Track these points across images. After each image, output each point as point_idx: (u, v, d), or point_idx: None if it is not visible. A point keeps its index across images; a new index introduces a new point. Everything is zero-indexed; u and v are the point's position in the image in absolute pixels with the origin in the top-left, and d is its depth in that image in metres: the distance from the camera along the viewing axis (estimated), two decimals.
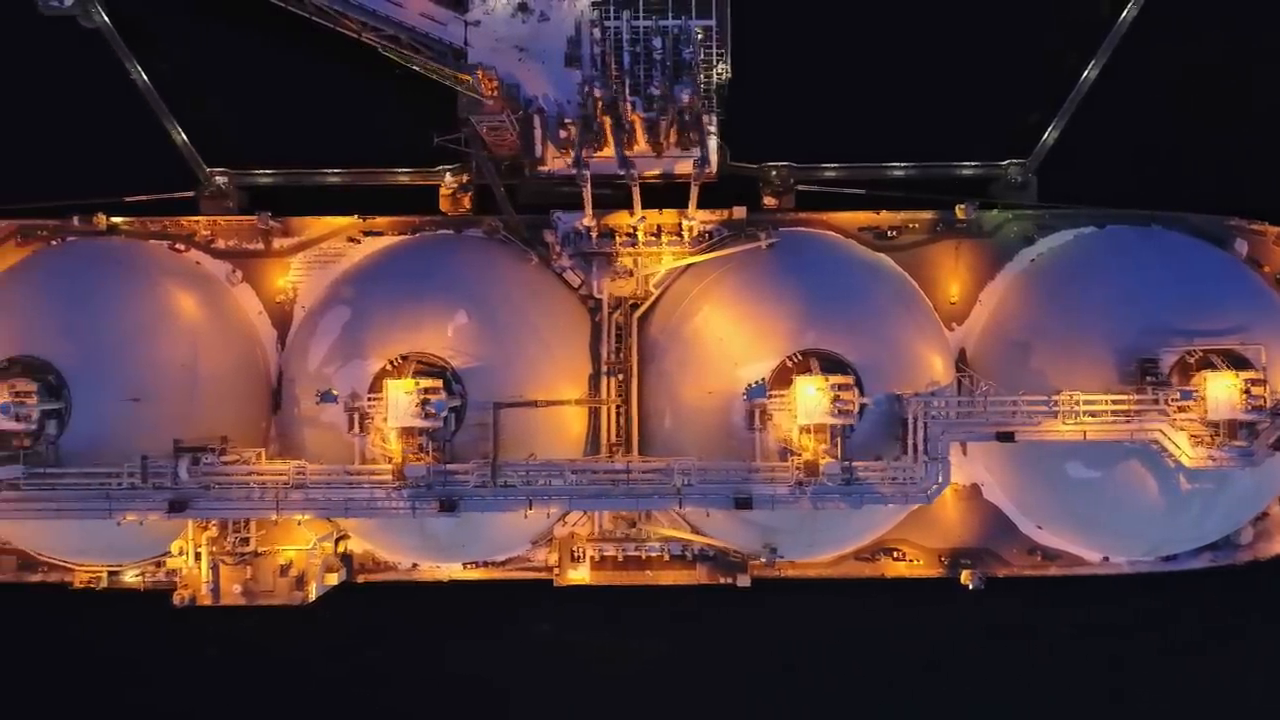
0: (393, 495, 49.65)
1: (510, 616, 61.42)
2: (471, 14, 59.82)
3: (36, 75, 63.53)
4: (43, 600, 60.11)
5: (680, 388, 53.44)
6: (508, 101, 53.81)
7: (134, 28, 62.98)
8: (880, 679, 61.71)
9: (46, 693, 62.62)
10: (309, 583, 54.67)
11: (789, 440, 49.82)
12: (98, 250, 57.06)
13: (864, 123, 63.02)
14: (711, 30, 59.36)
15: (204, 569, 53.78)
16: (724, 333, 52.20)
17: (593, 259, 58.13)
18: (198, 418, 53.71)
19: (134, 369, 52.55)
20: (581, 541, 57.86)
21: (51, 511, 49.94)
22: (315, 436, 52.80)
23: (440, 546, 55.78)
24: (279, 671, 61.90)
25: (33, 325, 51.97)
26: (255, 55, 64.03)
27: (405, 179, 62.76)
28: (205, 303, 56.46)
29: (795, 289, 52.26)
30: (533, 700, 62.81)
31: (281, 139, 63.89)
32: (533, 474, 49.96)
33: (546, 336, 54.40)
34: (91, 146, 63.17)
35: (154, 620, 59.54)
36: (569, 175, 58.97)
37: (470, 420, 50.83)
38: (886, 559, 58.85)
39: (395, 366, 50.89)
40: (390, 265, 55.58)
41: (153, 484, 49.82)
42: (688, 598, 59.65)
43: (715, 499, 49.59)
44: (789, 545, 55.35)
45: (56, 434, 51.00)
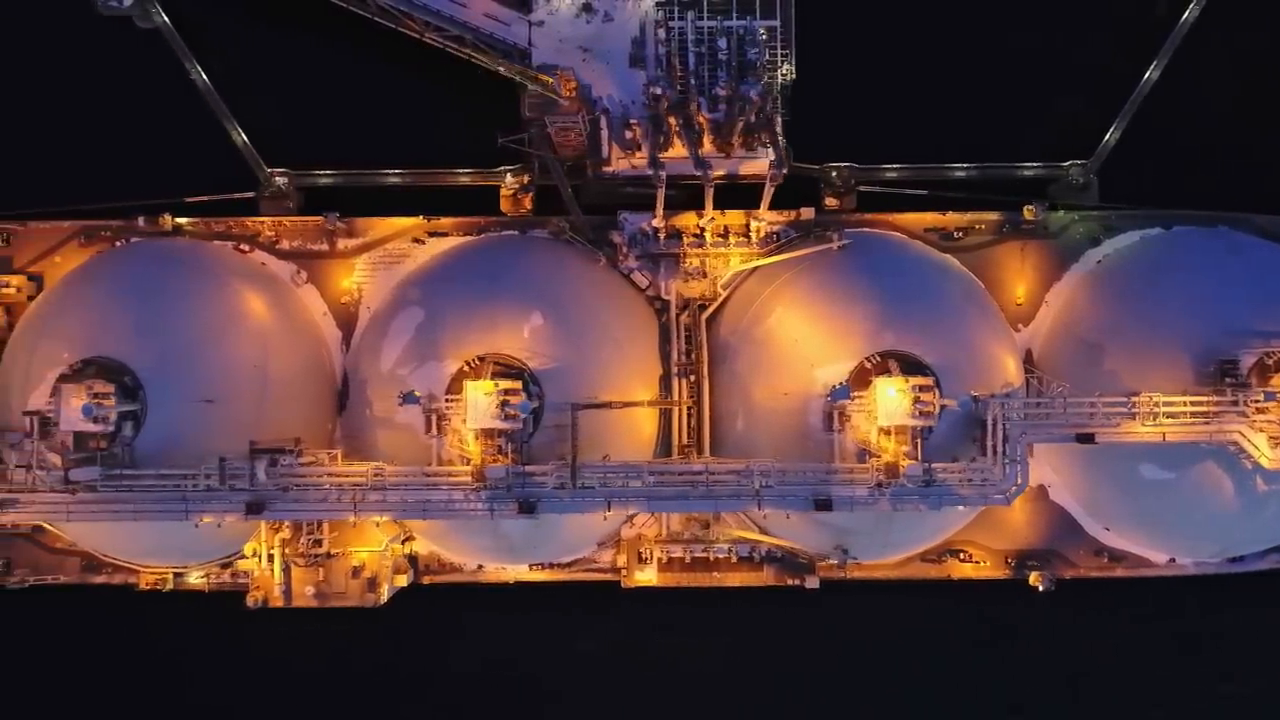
0: (470, 497, 49.54)
1: (573, 617, 61.05)
2: (535, 14, 59.72)
3: (94, 76, 63.31)
4: (105, 600, 59.84)
5: (753, 389, 53.34)
6: (582, 103, 53.58)
7: (191, 28, 62.69)
8: (941, 680, 61.46)
9: (112, 694, 62.31)
10: (381, 585, 54.53)
11: (868, 442, 49.67)
12: (167, 251, 56.96)
13: (923, 123, 62.96)
14: (776, 31, 59.35)
15: (276, 571, 53.52)
16: (799, 334, 52.12)
17: (660, 260, 57.89)
18: (268, 419, 53.57)
19: (207, 370, 52.41)
20: (649, 543, 57.69)
21: (128, 513, 49.83)
22: (389, 438, 52.65)
23: (512, 548, 55.68)
24: (342, 673, 61.57)
25: (107, 326, 51.83)
26: (314, 55, 63.88)
27: (466, 180, 62.53)
28: (273, 304, 56.35)
29: (870, 290, 52.18)
30: (591, 702, 62.53)
31: (340, 139, 63.75)
32: (611, 476, 49.76)
33: (619, 337, 54.32)
34: (151, 147, 63.02)
35: (215, 620, 59.46)
36: (633, 176, 59.04)
37: (547, 422, 50.55)
38: (953, 560, 58.77)
39: (472, 368, 50.77)
40: (462, 266, 55.46)
41: (230, 485, 49.51)
42: (741, 598, 59.48)
43: (794, 501, 49.53)
44: (862, 547, 55.28)
45: (132, 435, 50.72)
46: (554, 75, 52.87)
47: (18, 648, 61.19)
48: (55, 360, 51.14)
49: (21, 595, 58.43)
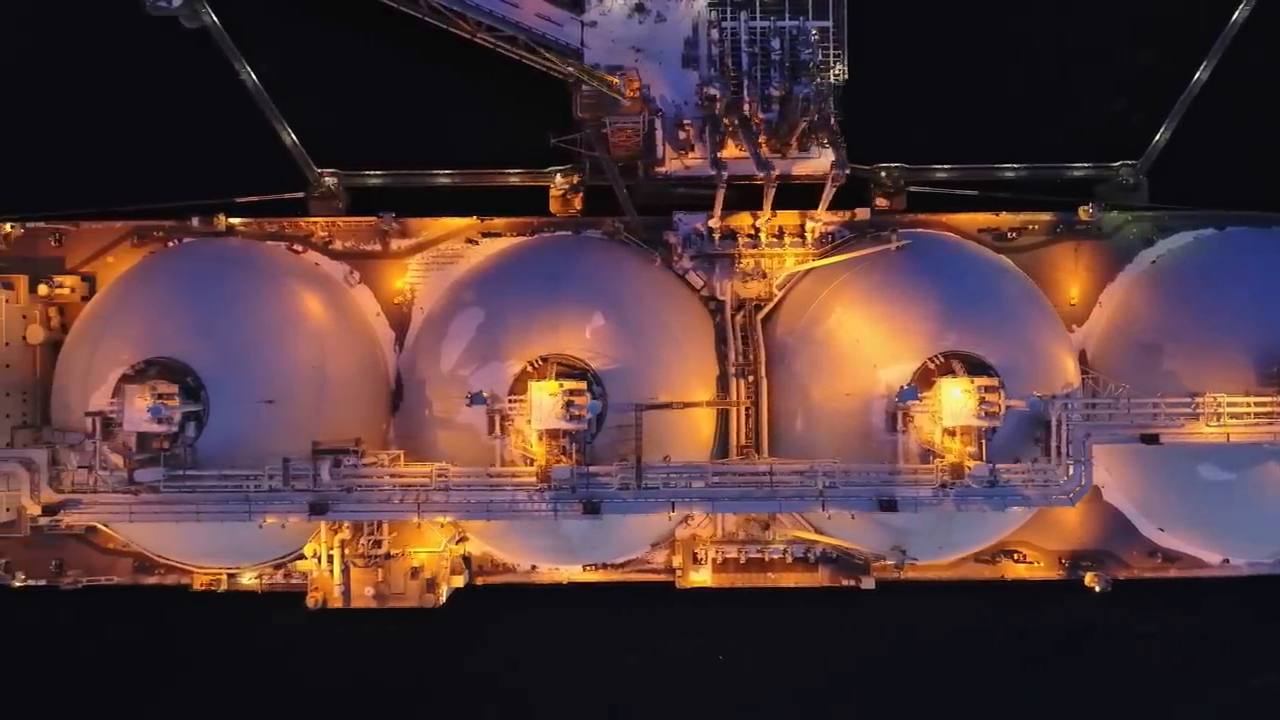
0: (534, 497, 49.45)
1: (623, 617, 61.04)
2: (588, 15, 59.75)
3: (143, 76, 63.18)
4: (154, 601, 59.76)
5: (813, 389, 53.30)
6: (643, 103, 53.56)
7: (240, 28, 62.62)
8: (996, 680, 61.51)
9: (170, 693, 62.30)
10: (440, 585, 54.51)
11: (931, 442, 49.63)
12: (224, 251, 56.88)
13: (971, 124, 62.99)
14: (828, 31, 59.37)
15: (336, 572, 53.46)
16: (860, 334, 52.08)
17: (715, 260, 57.85)
18: (326, 420, 53.52)
19: (267, 371, 52.36)
20: (704, 544, 57.67)
21: (191, 514, 49.71)
22: (449, 438, 52.58)
23: (572, 548, 55.67)
24: (398, 674, 61.50)
25: (167, 327, 51.76)
26: (362, 55, 63.88)
27: (515, 180, 62.42)
28: (329, 304, 56.31)
29: (931, 290, 52.15)
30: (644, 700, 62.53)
31: (388, 140, 63.67)
32: (674, 476, 49.70)
33: (678, 338, 54.33)
34: (199, 147, 62.93)
35: (259, 620, 59.43)
36: (685, 176, 59.05)
37: (609, 423, 50.50)
38: (1007, 561, 58.78)
39: (536, 368, 50.70)
40: (522, 266, 55.41)
41: (293, 486, 49.41)
42: (792, 598, 59.46)
43: (858, 501, 49.49)
44: (921, 547, 55.26)
45: (195, 436, 50.63)
46: (619, 75, 52.37)
47: (69, 647, 60.81)
48: (116, 361, 51.06)
49: (75, 595, 58.13)
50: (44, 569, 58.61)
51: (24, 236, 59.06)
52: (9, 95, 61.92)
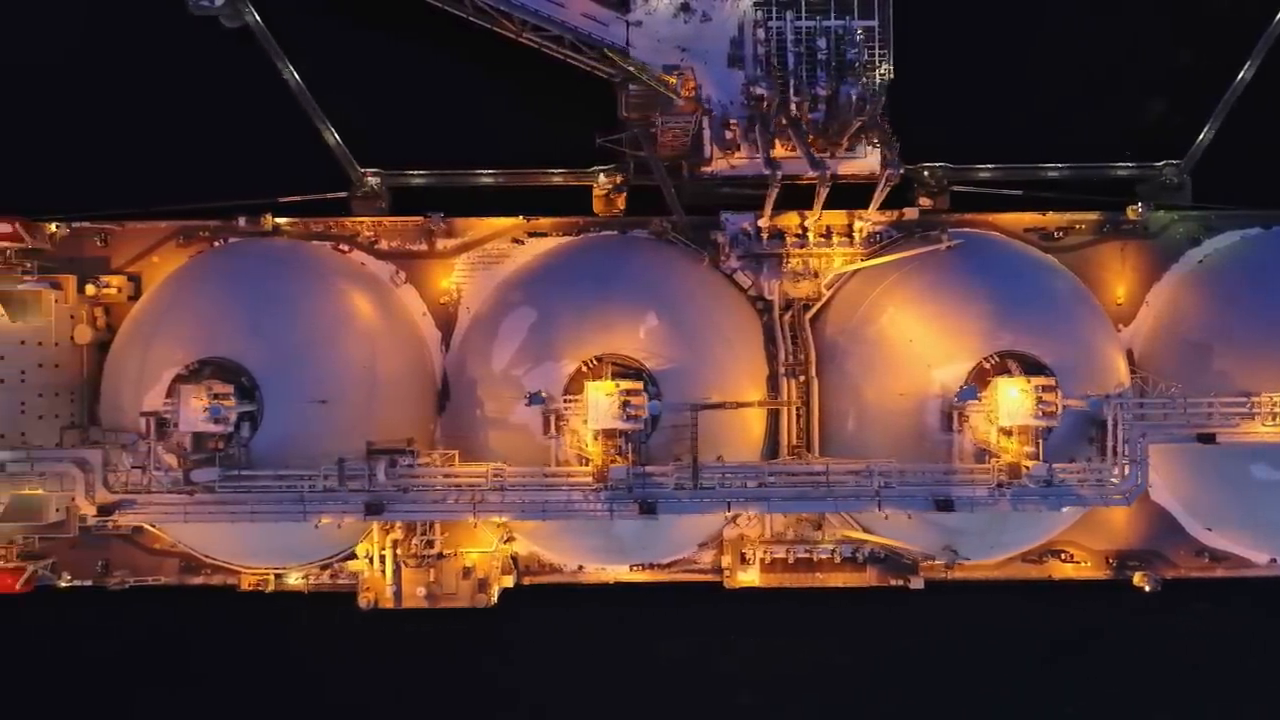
0: (590, 497, 49.36)
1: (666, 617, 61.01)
2: (633, 14, 59.66)
3: (186, 75, 63.19)
4: (198, 601, 59.70)
5: (865, 389, 53.27)
6: (697, 103, 53.51)
7: (281, 27, 62.56)
8: (1039, 679, 61.52)
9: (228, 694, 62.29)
10: (492, 586, 54.48)
11: (987, 442, 49.60)
12: (274, 251, 56.84)
13: (1012, 123, 63.02)
14: (874, 31, 59.36)
15: (388, 572, 53.39)
16: (913, 334, 52.05)
17: (763, 260, 57.79)
18: (377, 420, 53.45)
19: (320, 371, 52.29)
20: (752, 544, 57.63)
21: (246, 515, 49.55)
22: (502, 438, 52.54)
23: (623, 548, 55.65)
24: (449, 674, 61.48)
25: (221, 327, 51.65)
26: (403, 55, 63.85)
27: (559, 180, 62.40)
28: (377, 304, 56.23)
29: (985, 290, 52.14)
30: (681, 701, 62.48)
31: (428, 139, 63.62)
32: (730, 476, 49.66)
33: (730, 337, 54.33)
34: (241, 147, 62.87)
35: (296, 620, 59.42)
36: (730, 176, 59.03)
37: (663, 422, 50.43)
38: (1054, 561, 58.76)
39: (590, 368, 50.63)
40: (573, 266, 55.37)
41: (348, 486, 49.33)
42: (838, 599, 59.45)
43: (914, 501, 49.42)
44: (972, 547, 55.22)
45: (249, 436, 50.53)
46: (677, 75, 52.34)
47: (115, 647, 60.83)
48: (170, 361, 50.95)
49: (120, 596, 58.10)
50: (90, 569, 58.52)
51: (69, 236, 58.90)
52: (54, 96, 61.79)
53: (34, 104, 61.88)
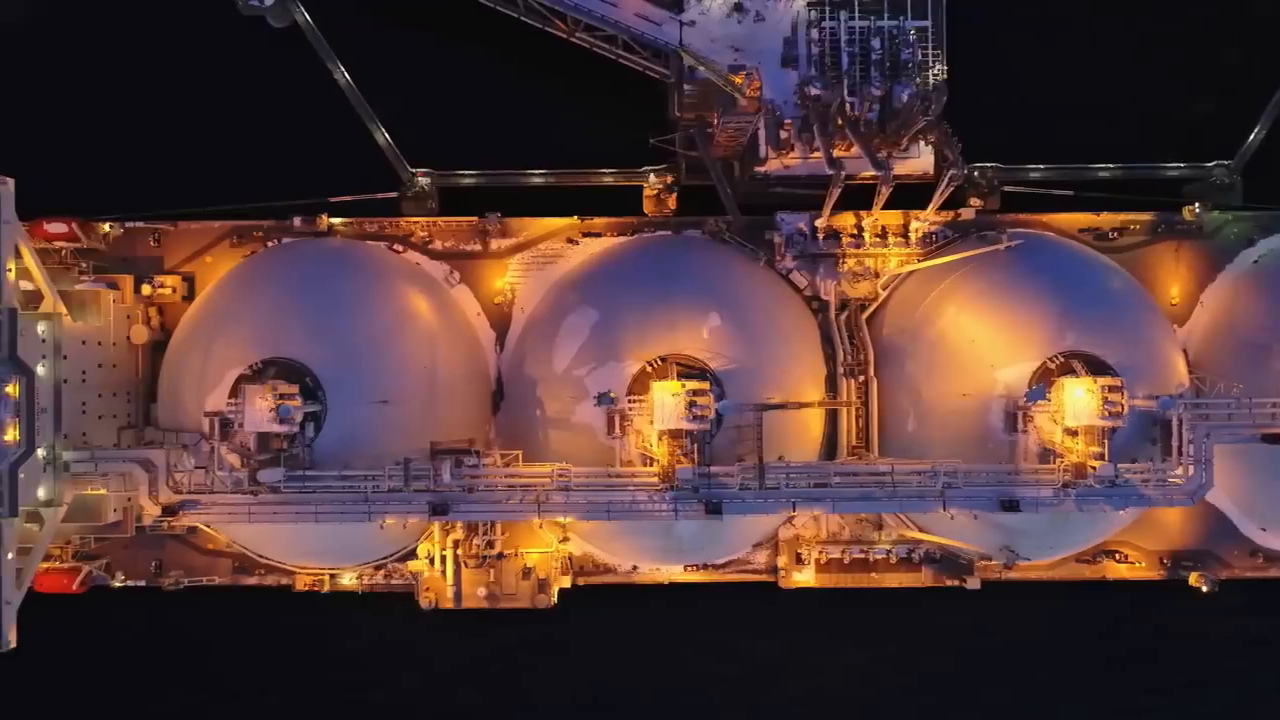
0: (655, 498, 49.31)
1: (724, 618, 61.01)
2: (686, 14, 59.62)
3: (235, 76, 63.22)
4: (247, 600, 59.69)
5: (925, 389, 53.31)
6: (761, 103, 53.52)
7: (329, 26, 62.52)
8: (1094, 679, 61.50)
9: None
10: (552, 586, 54.46)
11: (1052, 442, 49.60)
12: (333, 251, 56.84)
13: (1060, 123, 63.05)
14: (927, 31, 59.40)
15: (449, 572, 53.35)
16: (975, 334, 52.06)
17: (819, 260, 57.76)
18: (437, 420, 53.48)
19: (382, 371, 52.24)
20: (808, 544, 57.62)
21: (310, 515, 49.45)
22: (563, 439, 52.50)
23: (681, 548, 55.59)
24: (507, 674, 61.46)
25: (283, 327, 51.59)
26: (448, 55, 63.91)
27: (609, 180, 62.37)
28: (435, 304, 56.18)
29: (1047, 290, 52.19)
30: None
31: (475, 139, 63.64)
32: (795, 476, 49.64)
33: (790, 337, 54.40)
34: (290, 146, 62.85)
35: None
36: (784, 176, 59.06)
37: (727, 423, 50.40)
38: (1108, 561, 58.79)
39: (655, 368, 50.58)
40: (633, 266, 55.40)
41: (414, 487, 49.27)
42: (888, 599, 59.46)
43: (979, 501, 49.42)
44: (1032, 547, 55.21)
45: (313, 436, 50.46)
46: (744, 74, 52.34)
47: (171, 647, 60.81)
48: (232, 361, 50.85)
49: (174, 596, 58.07)
50: (144, 569, 58.47)
51: (123, 236, 58.76)
52: (106, 96, 61.67)
53: (87, 104, 61.67)
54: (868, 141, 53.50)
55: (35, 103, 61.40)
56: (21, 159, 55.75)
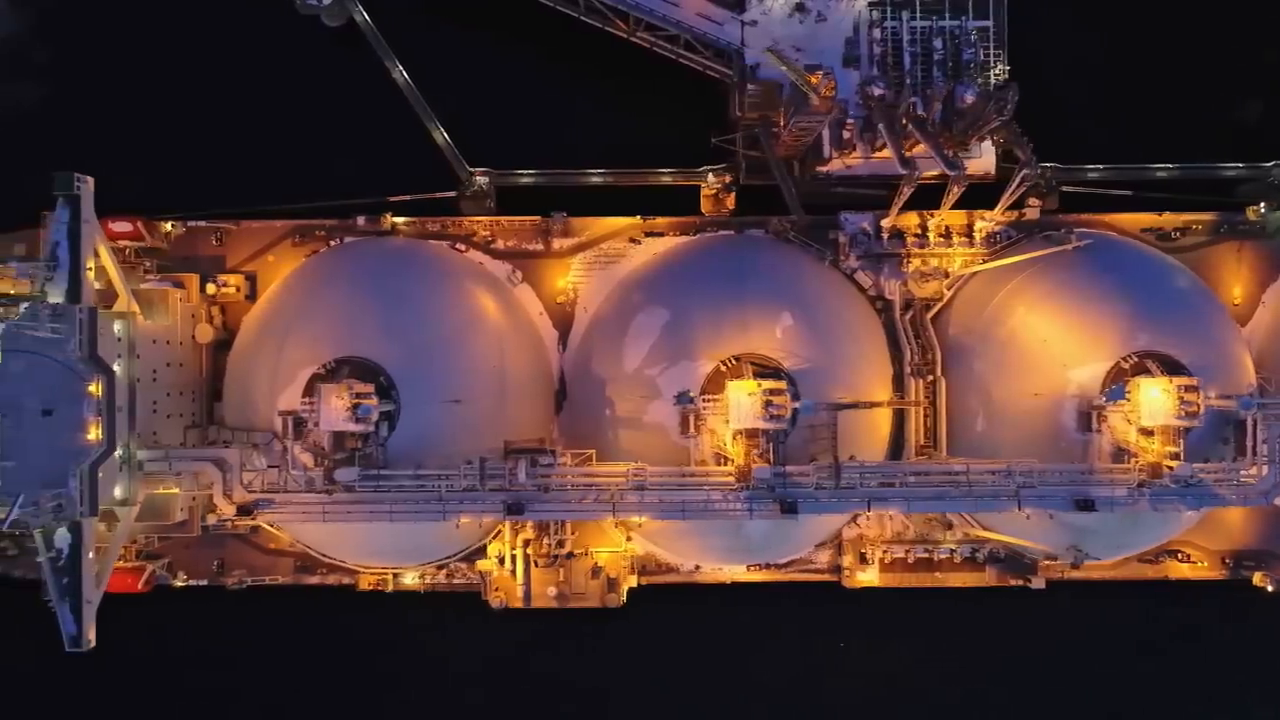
0: (729, 497, 49.24)
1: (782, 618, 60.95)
2: (748, 14, 59.76)
3: (293, 75, 63.22)
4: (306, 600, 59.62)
5: (995, 389, 53.28)
6: (834, 103, 53.51)
7: (386, 26, 62.49)
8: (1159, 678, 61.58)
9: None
10: (621, 585, 54.42)
11: (1127, 442, 49.60)
12: (399, 250, 56.82)
13: (1116, 124, 63.07)
14: (988, 31, 59.47)
15: (519, 572, 53.29)
16: (1047, 334, 52.04)
17: (883, 259, 57.74)
18: (506, 420, 53.47)
19: (453, 370, 52.20)
20: (872, 544, 57.61)
21: (384, 514, 49.38)
22: (633, 438, 52.46)
23: (750, 548, 55.58)
24: (576, 674, 61.43)
25: (356, 326, 51.50)
26: (501, 53, 63.83)
27: (668, 179, 62.35)
28: (501, 304, 56.10)
29: (1119, 290, 52.19)
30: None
31: (536, 140, 63.59)
32: (870, 476, 49.61)
33: (859, 337, 54.38)
34: (347, 146, 62.98)
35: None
36: (845, 175, 59.09)
37: (801, 422, 50.36)
38: (1171, 560, 58.81)
39: (729, 368, 50.51)
40: (703, 265, 55.38)
41: (489, 486, 49.21)
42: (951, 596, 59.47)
43: (1053, 501, 49.41)
44: (1100, 546, 55.19)
45: (386, 435, 50.36)
46: (821, 74, 52.34)
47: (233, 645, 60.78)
48: (305, 360, 50.74)
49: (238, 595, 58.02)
50: (205, 569, 58.41)
51: (185, 235, 58.71)
52: (166, 97, 61.58)
53: (147, 104, 61.61)
54: (938, 141, 53.30)
55: (96, 102, 61.22)
56: (82, 158, 56.04)
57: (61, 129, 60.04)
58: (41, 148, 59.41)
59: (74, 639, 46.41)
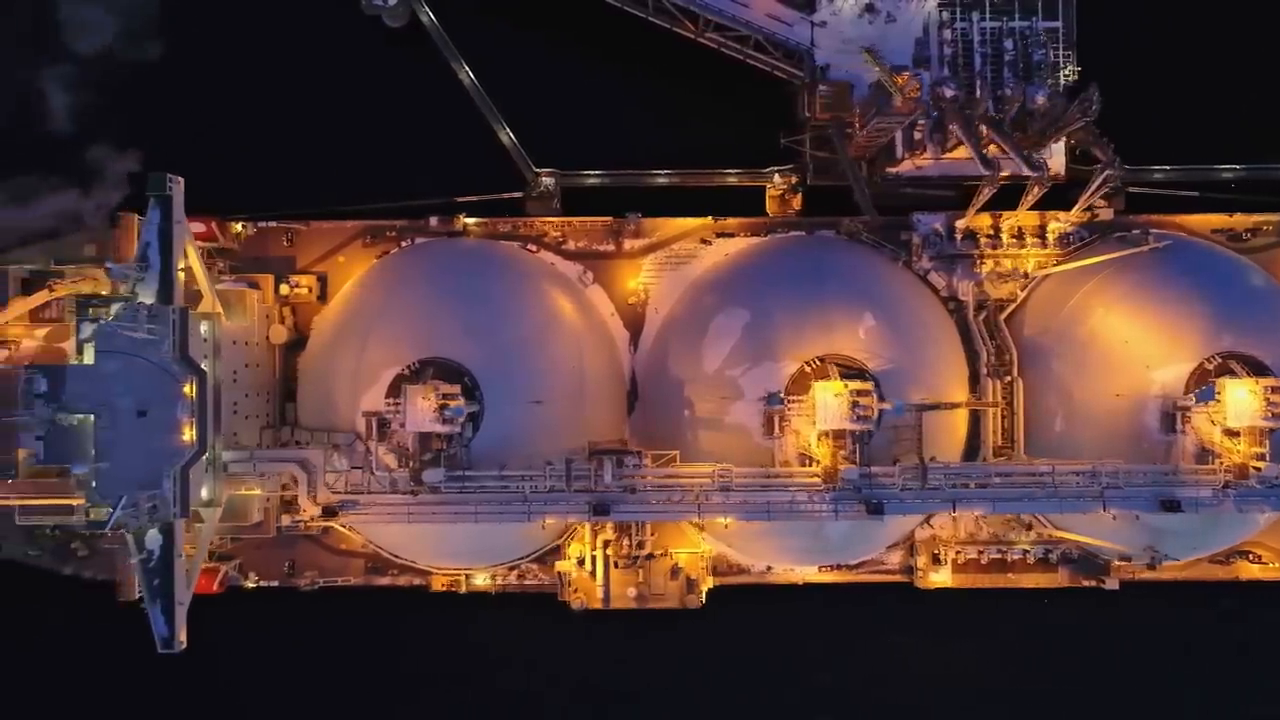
0: (815, 498, 49.23)
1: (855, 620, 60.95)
2: (818, 14, 59.83)
3: (357, 76, 63.14)
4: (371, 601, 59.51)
5: (1075, 390, 53.35)
6: (917, 104, 53.54)
7: (453, 27, 62.49)
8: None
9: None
10: (700, 586, 54.37)
11: (1211, 443, 49.62)
12: (475, 251, 56.76)
13: (1189, 124, 63.07)
14: (1058, 32, 59.59)
15: (599, 573, 53.26)
16: (1129, 335, 52.07)
17: (956, 261, 57.73)
18: (584, 420, 53.55)
19: (535, 371, 52.22)
20: (944, 544, 57.61)
21: (470, 515, 49.36)
22: (715, 439, 52.44)
23: (828, 549, 55.63)
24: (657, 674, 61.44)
25: (438, 327, 51.54)
26: (568, 57, 63.77)
27: (733, 180, 62.38)
28: (577, 304, 56.05)
29: (1200, 291, 52.26)
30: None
31: (602, 141, 63.58)
32: (954, 477, 49.60)
33: (937, 338, 54.41)
34: (413, 146, 62.90)
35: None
36: (915, 176, 59.16)
37: (885, 423, 50.37)
38: (1242, 562, 58.78)
39: (814, 369, 50.49)
40: (782, 266, 55.43)
41: (574, 487, 49.18)
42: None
43: (1139, 502, 49.42)
44: (1178, 547, 55.17)
45: (470, 436, 50.33)
46: (909, 75, 52.38)
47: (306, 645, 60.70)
48: (388, 361, 50.71)
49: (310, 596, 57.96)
50: (277, 570, 58.26)
51: (255, 236, 58.60)
52: (234, 97, 61.49)
53: (216, 105, 61.50)
54: (1016, 143, 53.34)
55: (165, 104, 61.08)
56: (152, 159, 56.15)
57: (133, 131, 59.81)
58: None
59: (166, 640, 46.34)
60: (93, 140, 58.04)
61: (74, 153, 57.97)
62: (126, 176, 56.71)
